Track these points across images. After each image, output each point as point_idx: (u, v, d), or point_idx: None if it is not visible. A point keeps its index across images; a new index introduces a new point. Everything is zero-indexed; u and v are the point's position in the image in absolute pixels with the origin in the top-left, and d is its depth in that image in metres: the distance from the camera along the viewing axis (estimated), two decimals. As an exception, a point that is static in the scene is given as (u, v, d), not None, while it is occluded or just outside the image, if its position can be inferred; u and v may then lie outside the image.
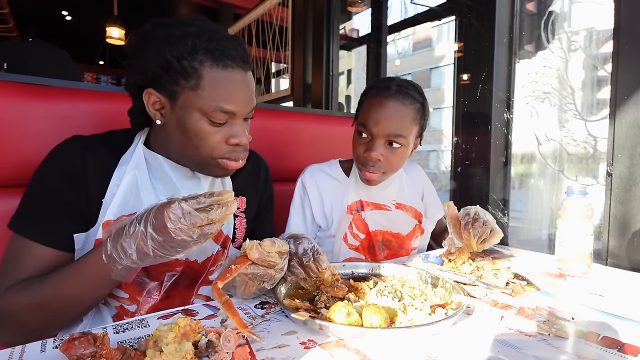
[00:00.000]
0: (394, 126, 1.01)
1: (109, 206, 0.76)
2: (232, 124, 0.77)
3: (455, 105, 1.64)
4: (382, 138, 1.02)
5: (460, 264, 0.93)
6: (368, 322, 0.59)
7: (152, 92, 0.74)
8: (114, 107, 1.04)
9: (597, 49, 1.43)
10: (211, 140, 0.76)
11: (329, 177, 1.17)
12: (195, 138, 0.75)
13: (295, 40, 2.73)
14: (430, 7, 2.38)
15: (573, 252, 0.93)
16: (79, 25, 7.18)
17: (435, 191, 1.33)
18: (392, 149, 1.03)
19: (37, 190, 0.75)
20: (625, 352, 0.55)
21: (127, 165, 0.79)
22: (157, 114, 0.76)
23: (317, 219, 1.13)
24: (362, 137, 1.05)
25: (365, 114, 1.04)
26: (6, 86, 0.91)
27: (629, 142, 1.09)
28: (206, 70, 0.72)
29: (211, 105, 0.73)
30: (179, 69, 0.71)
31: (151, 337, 0.50)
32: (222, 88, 0.73)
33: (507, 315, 0.67)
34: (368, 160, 1.04)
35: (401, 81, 1.06)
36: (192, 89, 0.72)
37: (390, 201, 1.18)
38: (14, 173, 0.92)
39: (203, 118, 0.74)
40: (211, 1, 5.51)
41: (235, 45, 0.75)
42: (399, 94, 1.02)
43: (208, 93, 0.72)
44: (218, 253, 0.89)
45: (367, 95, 1.07)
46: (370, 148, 1.02)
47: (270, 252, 0.66)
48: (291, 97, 2.80)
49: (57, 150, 0.77)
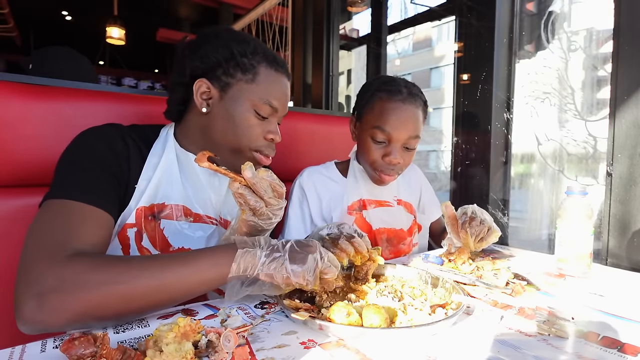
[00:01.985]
0: (412, 130, 1.04)
1: (143, 194, 0.78)
2: (270, 122, 0.87)
3: (455, 105, 1.64)
4: (402, 142, 1.04)
5: (460, 264, 0.93)
6: (368, 322, 0.59)
7: (205, 82, 0.82)
8: (114, 107, 1.04)
9: (597, 49, 1.43)
10: (253, 131, 0.84)
11: (327, 178, 1.17)
12: (239, 126, 0.83)
13: (295, 40, 2.73)
14: (430, 7, 2.38)
15: (573, 252, 0.93)
16: (79, 25, 7.18)
17: (433, 190, 1.33)
18: (408, 151, 1.07)
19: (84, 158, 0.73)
20: (625, 352, 0.55)
21: (159, 157, 0.83)
22: (204, 102, 0.83)
23: (316, 221, 1.13)
24: (377, 142, 1.05)
25: (380, 117, 1.04)
26: (6, 86, 0.91)
27: (629, 142, 1.09)
28: (262, 69, 0.84)
29: (262, 99, 0.83)
30: (240, 63, 0.82)
31: (151, 337, 0.50)
32: (273, 86, 0.85)
33: (507, 315, 0.67)
34: (388, 164, 1.05)
35: (406, 82, 1.08)
36: (247, 82, 0.83)
37: (392, 197, 1.19)
38: (14, 173, 0.92)
39: (251, 110, 0.83)
40: (211, 1, 5.52)
41: (282, 59, 0.89)
42: (411, 97, 1.05)
43: (262, 88, 0.83)
44: None
45: (376, 97, 1.07)
46: (390, 153, 1.04)
47: (264, 177, 0.67)
48: (291, 97, 2.80)
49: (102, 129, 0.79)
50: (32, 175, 0.93)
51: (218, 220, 0.90)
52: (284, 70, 0.88)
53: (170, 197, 0.83)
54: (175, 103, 0.88)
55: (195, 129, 0.86)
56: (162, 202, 0.81)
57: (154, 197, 0.80)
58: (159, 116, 0.92)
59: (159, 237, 0.81)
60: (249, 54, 0.82)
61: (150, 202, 0.80)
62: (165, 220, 0.82)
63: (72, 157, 0.74)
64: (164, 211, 0.82)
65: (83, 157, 0.74)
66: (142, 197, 0.78)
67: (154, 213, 0.80)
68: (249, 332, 0.58)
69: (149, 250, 0.80)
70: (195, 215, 0.86)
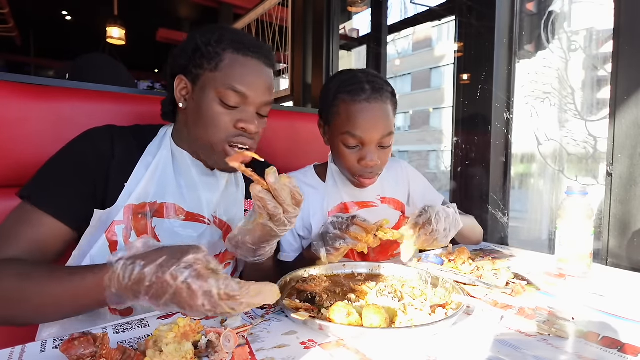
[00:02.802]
0: (384, 128, 0.98)
1: (133, 192, 0.79)
2: (243, 110, 0.82)
3: (455, 105, 1.64)
4: (375, 143, 0.99)
5: (460, 264, 0.93)
6: (368, 322, 0.59)
7: (182, 78, 0.83)
8: (114, 107, 1.04)
9: (597, 49, 1.43)
10: (220, 120, 0.80)
11: (305, 185, 1.12)
12: (206, 118, 0.80)
13: (295, 40, 2.73)
14: (430, 7, 2.38)
15: (573, 252, 0.93)
16: (79, 25, 7.18)
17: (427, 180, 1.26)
18: (383, 150, 1.02)
19: (57, 162, 0.77)
20: (625, 352, 0.55)
21: (153, 157, 0.83)
22: (182, 98, 0.84)
23: (298, 230, 1.09)
24: (350, 147, 0.99)
25: (347, 122, 0.97)
26: (6, 86, 0.91)
27: (629, 142, 1.09)
28: (227, 55, 0.80)
29: (224, 84, 0.79)
30: (205, 53, 0.80)
31: (151, 337, 0.50)
32: (237, 70, 0.80)
33: (507, 315, 0.67)
34: (365, 168, 1.00)
35: (368, 77, 1.00)
36: (211, 71, 0.80)
37: (375, 196, 1.15)
38: (14, 173, 0.92)
39: (216, 99, 0.80)
40: (211, 1, 5.51)
41: (260, 44, 0.84)
42: (376, 93, 0.97)
43: (224, 74, 0.80)
44: (226, 252, 0.90)
45: (338, 100, 1.00)
46: (364, 156, 0.98)
47: (286, 184, 0.66)
48: (291, 97, 2.80)
49: (90, 131, 0.81)
50: (32, 175, 0.93)
51: (212, 220, 0.89)
52: (255, 54, 0.82)
53: (162, 196, 0.82)
54: (166, 104, 0.90)
55: (183, 127, 0.87)
56: (154, 200, 0.81)
57: (145, 196, 0.80)
58: (158, 116, 0.92)
59: (150, 235, 0.81)
60: (213, 42, 0.80)
61: (141, 200, 0.80)
62: (156, 218, 0.82)
63: (54, 159, 0.77)
64: (156, 209, 0.82)
65: (62, 159, 0.77)
66: (131, 195, 0.78)
67: (145, 211, 0.80)
68: (249, 332, 0.58)
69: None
70: (187, 214, 0.85)
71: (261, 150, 1.08)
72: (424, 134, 12.03)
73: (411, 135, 14.94)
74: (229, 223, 0.91)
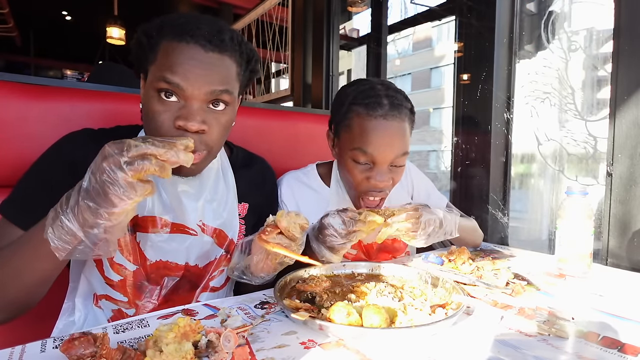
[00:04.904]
0: (399, 148, 0.91)
1: None
2: (184, 106, 0.70)
3: (455, 105, 1.64)
4: (388, 163, 0.91)
5: (460, 264, 0.93)
6: (368, 322, 0.59)
7: (142, 77, 0.76)
8: (113, 107, 1.04)
9: (597, 49, 1.43)
10: (158, 118, 0.69)
11: (307, 187, 1.07)
12: (147, 117, 0.72)
13: (295, 41, 2.73)
14: (430, 7, 2.38)
15: (573, 252, 0.93)
16: (79, 25, 7.18)
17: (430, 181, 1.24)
18: (396, 169, 0.94)
19: (29, 173, 0.76)
20: (625, 352, 0.55)
21: None
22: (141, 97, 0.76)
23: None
24: (360, 164, 0.92)
25: (360, 138, 0.90)
26: (6, 86, 0.91)
27: (629, 142, 1.09)
28: (163, 44, 0.70)
29: (156, 75, 0.69)
30: (146, 45, 0.72)
31: (151, 337, 0.50)
32: (171, 59, 0.69)
33: (507, 315, 0.67)
34: (374, 188, 0.93)
35: (387, 88, 0.94)
36: (151, 63, 0.72)
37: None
38: (14, 173, 0.92)
39: (154, 94, 0.70)
40: (211, 1, 5.52)
41: (208, 27, 0.71)
42: (394, 110, 0.90)
43: (159, 63, 0.70)
44: (221, 257, 0.87)
45: (352, 113, 0.93)
46: (375, 176, 0.91)
47: (296, 222, 0.68)
48: (291, 97, 2.80)
49: (63, 138, 0.78)
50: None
51: (200, 229, 0.83)
52: (198, 39, 0.69)
53: (144, 209, 0.77)
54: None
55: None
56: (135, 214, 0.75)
57: None
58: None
59: (135, 251, 0.78)
60: (153, 33, 0.71)
61: None
62: (140, 233, 0.78)
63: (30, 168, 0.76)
64: (139, 224, 0.78)
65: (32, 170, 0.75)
66: None
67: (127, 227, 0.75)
68: (249, 332, 0.58)
69: (123, 266, 0.78)
70: (172, 226, 0.80)
71: (261, 150, 1.09)
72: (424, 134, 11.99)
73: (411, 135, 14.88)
74: (220, 228, 0.86)
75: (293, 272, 0.82)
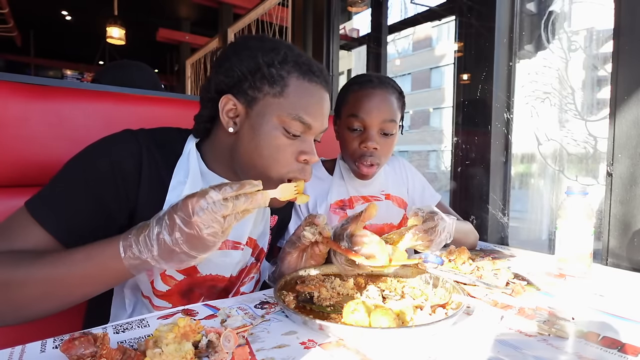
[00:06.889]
0: (386, 113, 1.04)
1: None
2: (304, 140, 0.76)
3: (455, 105, 1.64)
4: (376, 126, 1.04)
5: (460, 264, 0.93)
6: (377, 324, 0.59)
7: (231, 98, 0.74)
8: (113, 107, 1.04)
9: (597, 49, 1.43)
10: (282, 152, 0.74)
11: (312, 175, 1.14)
12: (266, 148, 0.73)
13: (295, 40, 2.73)
14: (430, 7, 2.38)
15: (573, 252, 0.93)
16: (79, 25, 7.19)
17: (424, 178, 1.28)
18: (385, 138, 1.06)
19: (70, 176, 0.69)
20: (626, 352, 0.55)
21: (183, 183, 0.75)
22: (230, 121, 0.75)
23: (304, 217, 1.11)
24: (354, 131, 1.06)
25: (354, 106, 1.05)
26: (6, 86, 0.91)
27: (629, 142, 1.09)
28: (292, 80, 0.74)
29: (291, 114, 0.73)
30: (267, 74, 0.72)
31: (151, 337, 0.50)
32: (305, 99, 0.74)
33: (507, 315, 0.67)
34: (365, 151, 1.04)
35: (380, 76, 1.10)
36: (274, 96, 0.73)
37: (379, 192, 1.18)
38: (14, 173, 0.92)
39: (279, 127, 0.73)
40: (211, 1, 5.52)
41: (321, 67, 0.79)
42: (382, 84, 1.06)
43: (290, 101, 0.73)
44: (252, 265, 0.89)
45: (348, 91, 1.09)
46: (366, 139, 1.04)
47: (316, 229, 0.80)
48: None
49: (112, 143, 0.72)
50: (32, 175, 0.93)
51: (245, 243, 0.85)
52: (321, 80, 0.77)
53: None
54: (202, 120, 0.80)
55: (224, 149, 0.79)
56: None
57: None
58: (158, 116, 0.92)
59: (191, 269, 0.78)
60: (277, 63, 0.73)
61: None
62: None
63: (66, 171, 0.70)
64: None
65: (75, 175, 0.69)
66: None
67: None
68: (249, 332, 0.58)
69: (172, 277, 0.77)
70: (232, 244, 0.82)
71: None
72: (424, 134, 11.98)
73: (411, 135, 14.91)
74: (256, 240, 0.89)
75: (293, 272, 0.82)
